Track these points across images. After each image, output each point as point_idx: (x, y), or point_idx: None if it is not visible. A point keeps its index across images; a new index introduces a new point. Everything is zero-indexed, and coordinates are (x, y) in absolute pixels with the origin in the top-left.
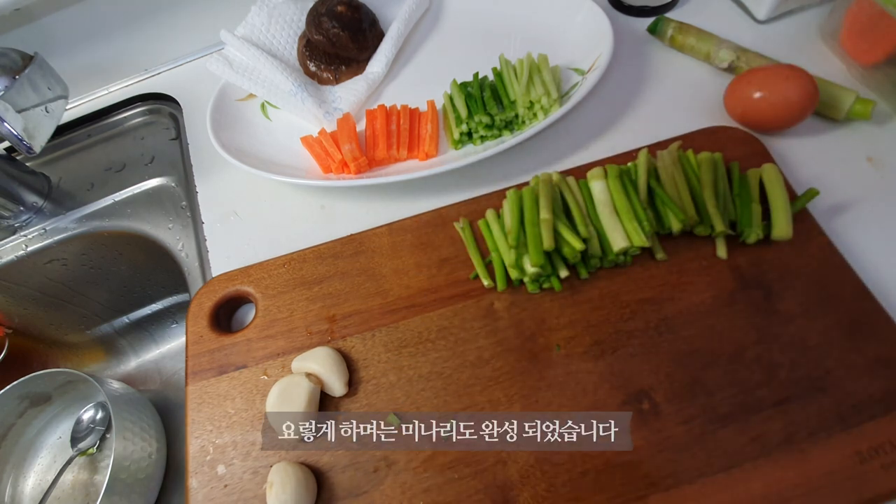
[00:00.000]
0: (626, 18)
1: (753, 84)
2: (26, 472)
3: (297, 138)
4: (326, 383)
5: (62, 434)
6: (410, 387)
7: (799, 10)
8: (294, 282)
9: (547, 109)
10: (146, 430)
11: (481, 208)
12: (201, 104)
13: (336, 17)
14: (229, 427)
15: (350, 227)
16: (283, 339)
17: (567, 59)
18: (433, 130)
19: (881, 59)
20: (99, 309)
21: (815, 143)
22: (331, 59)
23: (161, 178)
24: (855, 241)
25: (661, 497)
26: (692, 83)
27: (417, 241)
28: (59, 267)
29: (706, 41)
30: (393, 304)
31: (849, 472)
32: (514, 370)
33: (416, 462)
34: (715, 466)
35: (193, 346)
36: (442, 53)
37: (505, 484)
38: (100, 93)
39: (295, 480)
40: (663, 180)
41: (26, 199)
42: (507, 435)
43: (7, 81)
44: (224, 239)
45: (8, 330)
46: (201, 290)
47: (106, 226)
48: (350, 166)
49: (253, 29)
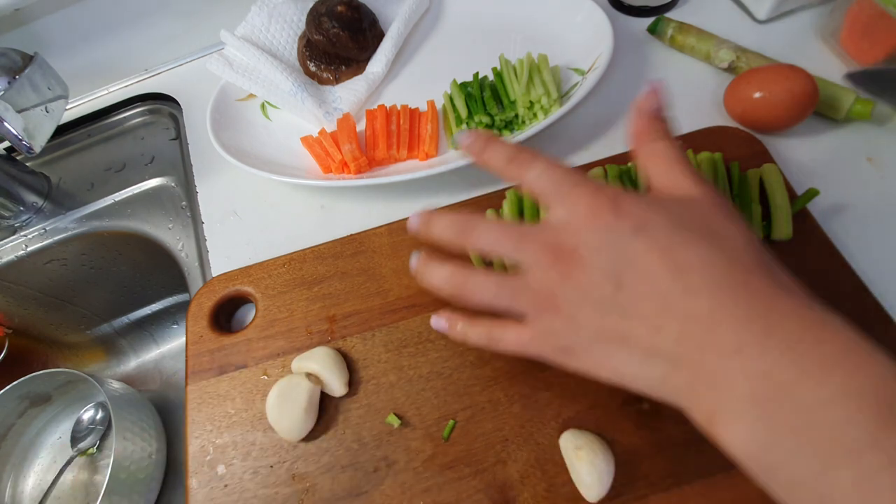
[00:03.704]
0: (626, 18)
1: (753, 84)
2: (26, 472)
3: (297, 138)
4: (326, 383)
5: (62, 434)
6: (410, 387)
7: (799, 10)
8: (294, 282)
9: (547, 109)
10: (146, 430)
11: (481, 208)
12: (201, 104)
13: (336, 17)
14: (229, 427)
15: (350, 227)
16: (283, 339)
17: (567, 59)
18: (433, 130)
19: (881, 59)
20: (99, 309)
21: (815, 143)
22: (331, 59)
23: (161, 178)
24: (855, 241)
25: (661, 497)
26: (692, 83)
27: (417, 241)
28: (59, 267)
29: (706, 41)
30: (393, 304)
31: None
32: (514, 370)
33: (417, 462)
34: (715, 466)
35: (193, 346)
36: (442, 53)
37: (505, 484)
38: (100, 93)
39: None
40: None
41: (26, 199)
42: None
43: (7, 81)
44: (224, 239)
45: (8, 330)
46: (201, 290)
47: (106, 226)
48: (350, 166)
49: (253, 29)
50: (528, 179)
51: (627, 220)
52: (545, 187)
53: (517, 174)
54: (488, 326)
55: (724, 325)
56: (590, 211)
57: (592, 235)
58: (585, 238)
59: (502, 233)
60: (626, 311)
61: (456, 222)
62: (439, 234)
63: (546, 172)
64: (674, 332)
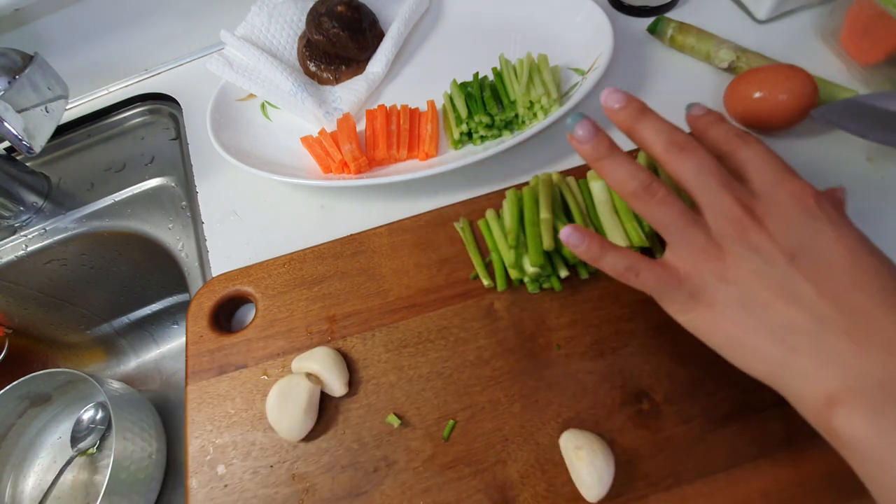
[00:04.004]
0: (626, 18)
1: (753, 84)
2: (26, 472)
3: (297, 138)
4: (326, 383)
5: (62, 434)
6: (410, 387)
7: (799, 10)
8: (294, 282)
9: (547, 109)
10: (146, 430)
11: (481, 208)
12: (201, 104)
13: (336, 17)
14: (229, 427)
15: (350, 227)
16: (283, 339)
17: (567, 59)
18: (433, 130)
19: (881, 59)
20: (99, 309)
21: (815, 143)
22: (331, 59)
23: (161, 178)
24: None
25: (661, 497)
26: (692, 83)
27: (417, 241)
28: (59, 267)
29: (706, 41)
30: (393, 304)
31: (849, 471)
32: (514, 370)
33: (417, 462)
34: (715, 466)
35: (193, 345)
36: (442, 53)
37: (505, 484)
38: (100, 93)
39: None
40: (663, 180)
41: (26, 199)
42: (507, 435)
43: (7, 81)
44: (224, 239)
45: (8, 330)
46: (201, 290)
47: (106, 226)
48: (350, 166)
49: (253, 29)
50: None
51: (825, 214)
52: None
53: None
54: (629, 257)
55: (881, 323)
56: (795, 194)
57: (788, 212)
58: (780, 212)
59: (713, 170)
60: (786, 280)
61: (670, 132)
62: (647, 137)
63: (764, 154)
64: (827, 313)
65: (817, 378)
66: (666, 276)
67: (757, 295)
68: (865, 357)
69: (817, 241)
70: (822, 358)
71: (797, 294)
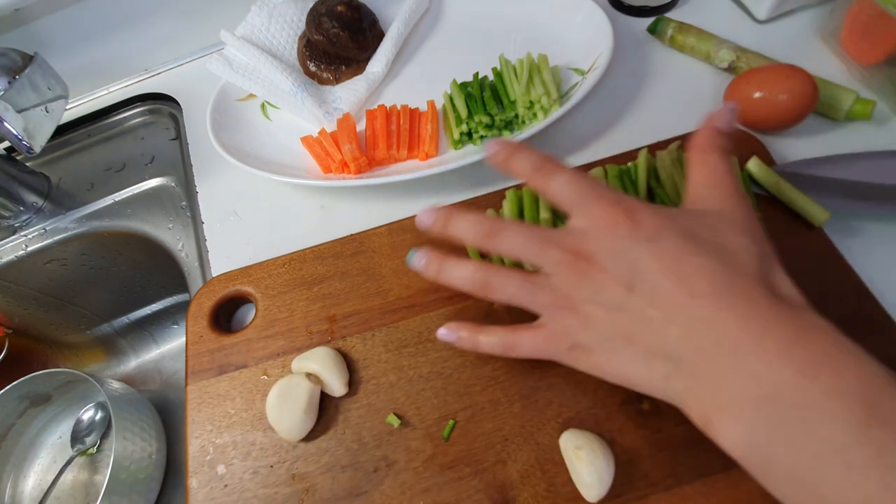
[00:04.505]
0: (626, 18)
1: (753, 84)
2: (26, 472)
3: (297, 138)
4: (326, 383)
5: (62, 434)
6: (410, 387)
7: (799, 10)
8: (294, 282)
9: (547, 109)
10: (146, 430)
11: (481, 208)
12: (201, 104)
13: (336, 17)
14: (229, 427)
15: (350, 227)
16: (283, 339)
17: (567, 59)
18: (433, 130)
19: (881, 59)
20: (99, 309)
21: (815, 143)
22: (331, 59)
23: (161, 178)
24: (855, 241)
25: (661, 497)
26: (692, 83)
27: (417, 240)
28: (59, 267)
29: (706, 41)
30: (393, 304)
31: None
32: (514, 370)
33: (417, 462)
34: (715, 466)
35: (193, 345)
36: (442, 53)
37: (505, 484)
38: (100, 93)
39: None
40: (663, 180)
41: (26, 199)
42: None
43: (7, 81)
44: (224, 239)
45: (8, 330)
46: (201, 290)
47: (106, 226)
48: (350, 166)
49: (253, 29)
50: (553, 189)
51: (642, 231)
52: (569, 197)
53: (542, 183)
54: (502, 335)
55: (723, 328)
56: (608, 221)
57: (610, 243)
58: (603, 245)
59: (528, 238)
60: (635, 312)
61: (479, 223)
62: (461, 234)
63: (570, 183)
64: (677, 333)
65: (691, 398)
66: (541, 341)
67: (617, 332)
68: (722, 370)
69: (641, 264)
70: (687, 381)
71: (648, 321)
